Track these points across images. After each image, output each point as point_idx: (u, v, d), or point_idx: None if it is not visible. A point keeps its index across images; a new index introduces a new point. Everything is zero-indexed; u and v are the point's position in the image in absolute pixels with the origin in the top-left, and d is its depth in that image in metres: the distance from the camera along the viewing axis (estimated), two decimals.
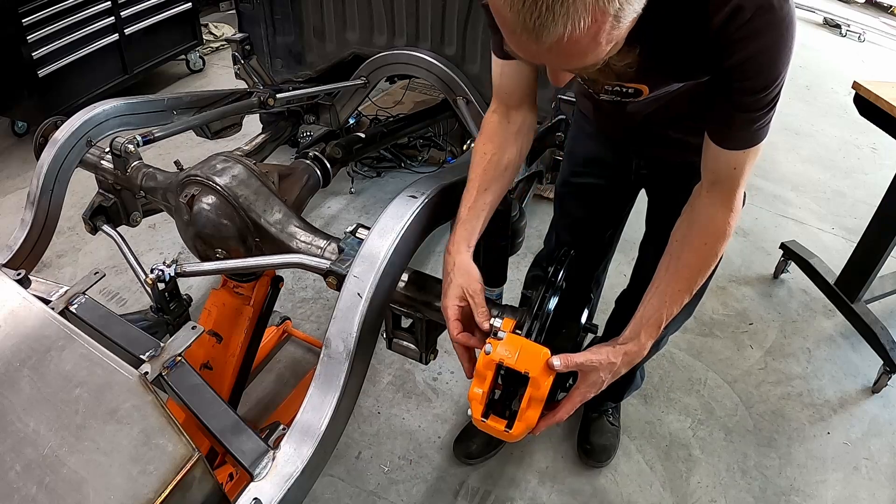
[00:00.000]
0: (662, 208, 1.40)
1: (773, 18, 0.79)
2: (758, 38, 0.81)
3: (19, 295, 0.90)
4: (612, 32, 0.68)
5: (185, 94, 1.63)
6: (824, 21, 5.96)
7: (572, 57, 0.71)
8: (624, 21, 0.68)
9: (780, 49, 0.82)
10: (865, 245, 2.16)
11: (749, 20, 0.79)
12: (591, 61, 0.73)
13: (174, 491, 0.68)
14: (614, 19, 0.66)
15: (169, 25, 3.46)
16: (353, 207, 2.82)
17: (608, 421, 1.85)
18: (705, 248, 0.98)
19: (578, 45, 0.68)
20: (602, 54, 0.71)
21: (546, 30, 0.65)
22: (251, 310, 1.39)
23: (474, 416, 0.89)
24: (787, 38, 0.81)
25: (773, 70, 0.84)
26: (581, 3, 0.63)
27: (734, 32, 0.80)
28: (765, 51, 0.82)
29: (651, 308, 0.99)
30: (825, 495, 1.79)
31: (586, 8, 0.63)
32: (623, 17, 0.67)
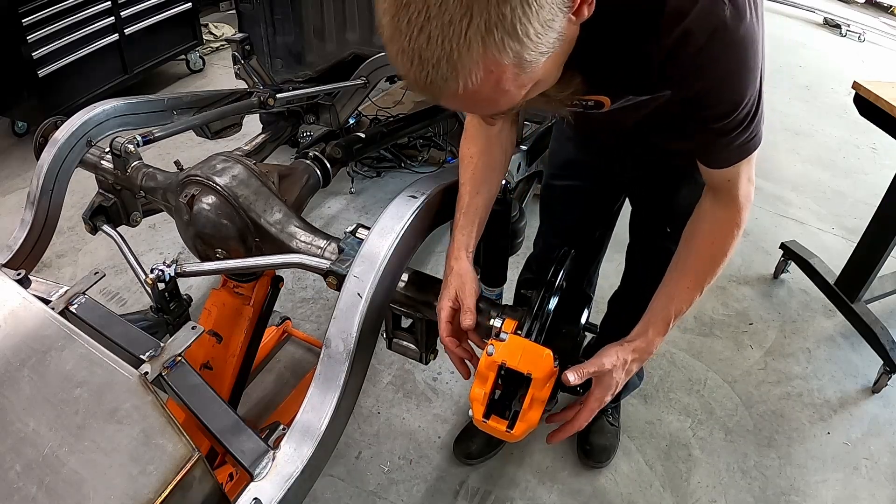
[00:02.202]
0: (646, 215, 1.39)
1: (729, 41, 0.73)
2: (714, 65, 0.75)
3: (19, 295, 0.90)
4: (519, 78, 0.64)
5: (185, 94, 1.63)
6: (824, 21, 5.96)
7: (481, 106, 0.69)
8: (532, 65, 0.63)
9: (741, 73, 0.77)
10: (865, 245, 2.16)
11: (702, 48, 0.73)
12: (508, 105, 0.69)
13: (174, 491, 0.68)
14: (515, 67, 0.62)
15: (169, 25, 3.46)
16: (353, 207, 2.81)
17: (608, 421, 1.85)
18: (713, 247, 0.98)
19: (480, 95, 0.64)
20: (519, 97, 0.68)
21: (439, 86, 0.62)
22: (251, 310, 1.39)
23: (476, 416, 0.89)
24: (749, 58, 0.76)
25: (737, 94, 0.79)
26: (468, 59, 0.59)
27: (688, 61, 0.75)
28: (725, 77, 0.77)
29: (659, 305, 0.99)
30: (825, 495, 1.79)
31: (475, 62, 0.60)
32: (527, 63, 0.63)
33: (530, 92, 0.70)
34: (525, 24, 0.59)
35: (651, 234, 1.37)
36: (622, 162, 1.31)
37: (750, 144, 0.88)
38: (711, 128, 0.84)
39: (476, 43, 0.58)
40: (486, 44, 0.59)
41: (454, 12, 0.57)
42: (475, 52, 0.59)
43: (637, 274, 1.49)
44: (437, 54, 0.59)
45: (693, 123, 0.87)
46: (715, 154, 0.90)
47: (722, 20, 0.71)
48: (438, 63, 0.60)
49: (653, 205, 1.35)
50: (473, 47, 0.59)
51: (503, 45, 0.59)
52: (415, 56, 0.61)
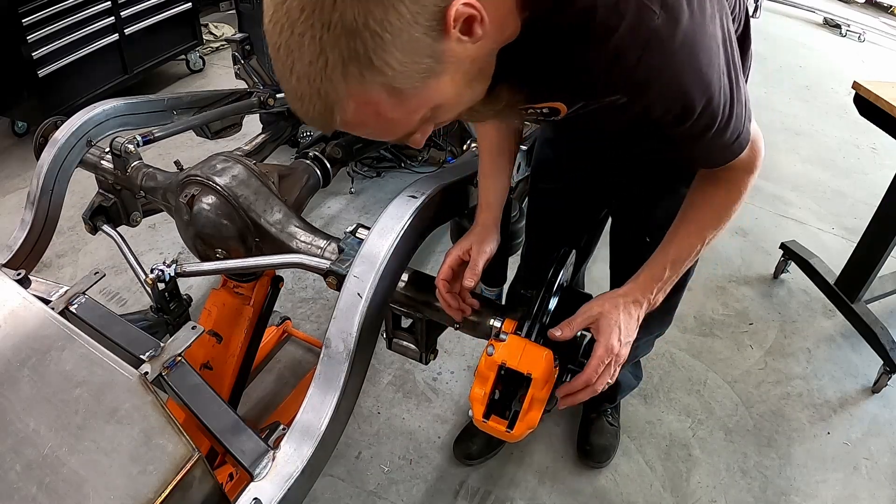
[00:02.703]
0: (625, 225, 1.38)
1: (666, 50, 0.68)
2: (656, 77, 0.71)
3: (19, 295, 0.90)
4: (402, 106, 0.64)
5: (185, 94, 1.63)
6: (824, 21, 5.97)
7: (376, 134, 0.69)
8: (412, 92, 0.63)
9: (686, 79, 0.71)
10: (865, 245, 2.16)
11: (638, 62, 0.69)
12: (405, 130, 0.69)
13: (174, 491, 0.68)
14: (391, 97, 0.62)
15: (169, 25, 3.45)
16: (353, 207, 2.81)
17: (607, 421, 1.85)
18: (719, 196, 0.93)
19: (366, 125, 0.65)
20: (413, 122, 0.67)
21: (323, 121, 0.63)
22: (251, 310, 1.39)
23: (476, 416, 0.89)
24: (693, 62, 0.70)
25: (687, 100, 0.73)
26: (336, 95, 0.60)
27: (627, 75, 0.71)
28: (670, 84, 0.72)
29: (658, 252, 0.96)
30: (825, 495, 1.79)
31: (345, 97, 0.61)
32: (402, 91, 0.62)
33: (436, 114, 0.69)
34: (381, 55, 0.58)
35: (630, 244, 1.36)
36: (606, 166, 1.30)
37: (734, 146, 0.84)
38: (677, 132, 0.80)
39: (338, 79, 0.59)
40: (348, 79, 0.59)
41: (311, 53, 0.58)
42: (340, 88, 0.60)
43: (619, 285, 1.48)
44: (309, 93, 0.61)
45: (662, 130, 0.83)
46: (697, 158, 0.88)
47: (653, 31, 0.66)
48: (312, 100, 0.62)
49: (632, 215, 1.33)
50: (337, 83, 0.60)
51: (363, 78, 0.60)
52: (294, 95, 0.63)
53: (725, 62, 0.75)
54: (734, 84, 0.77)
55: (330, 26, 0.56)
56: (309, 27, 0.57)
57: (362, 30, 0.56)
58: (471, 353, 2.12)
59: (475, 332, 1.07)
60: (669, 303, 1.41)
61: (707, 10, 0.70)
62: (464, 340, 2.13)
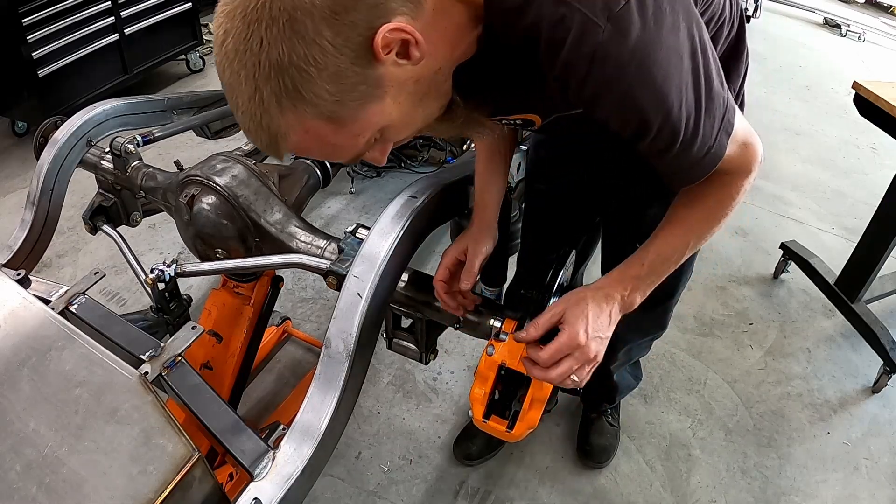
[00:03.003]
0: (616, 230, 1.37)
1: (614, 64, 0.65)
2: (605, 95, 0.68)
3: (19, 295, 0.90)
4: (345, 130, 0.65)
5: (185, 94, 1.63)
6: (824, 21, 5.97)
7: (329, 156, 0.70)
8: (353, 117, 0.64)
9: (638, 94, 0.68)
10: (865, 245, 2.16)
11: (586, 77, 0.67)
12: (354, 153, 0.70)
13: (174, 491, 0.68)
14: (331, 124, 0.64)
15: (169, 25, 3.45)
16: (353, 207, 2.81)
17: (607, 422, 1.85)
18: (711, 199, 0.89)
19: (315, 150, 0.68)
20: (360, 144, 0.68)
21: (273, 149, 0.66)
22: (251, 310, 1.39)
23: (476, 416, 0.90)
24: (646, 75, 0.66)
25: (641, 114, 0.70)
26: (277, 126, 0.63)
27: (577, 93, 0.69)
28: (622, 102, 0.69)
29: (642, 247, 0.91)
30: (825, 495, 1.79)
31: (286, 127, 0.63)
32: (342, 117, 0.63)
33: (385, 135, 0.70)
34: (308, 87, 0.60)
35: (621, 250, 1.35)
36: (599, 168, 1.29)
37: (704, 162, 0.79)
38: (639, 147, 0.77)
39: (275, 112, 0.62)
40: (284, 112, 0.62)
41: (248, 90, 0.61)
42: (279, 120, 0.63)
43: None
44: (255, 125, 0.64)
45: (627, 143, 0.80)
46: (668, 175, 0.84)
47: (599, 44, 0.64)
48: (258, 133, 0.65)
49: (624, 220, 1.32)
50: (275, 115, 0.62)
51: (298, 109, 0.62)
52: (243, 128, 0.66)
53: (693, 74, 0.70)
54: (703, 97, 0.72)
55: (259, 65, 0.59)
56: (243, 66, 0.60)
57: (288, 66, 0.59)
58: (471, 353, 2.12)
59: (475, 332, 1.07)
60: (664, 305, 1.42)
61: (665, 21, 0.66)
62: (464, 340, 2.13)
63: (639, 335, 1.54)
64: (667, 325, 1.51)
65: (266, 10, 0.57)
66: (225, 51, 0.61)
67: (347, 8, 0.58)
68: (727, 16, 0.94)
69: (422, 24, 0.63)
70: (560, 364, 0.83)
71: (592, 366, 0.86)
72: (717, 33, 0.94)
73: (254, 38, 0.58)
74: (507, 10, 0.67)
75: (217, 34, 0.61)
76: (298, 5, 0.57)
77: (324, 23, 0.58)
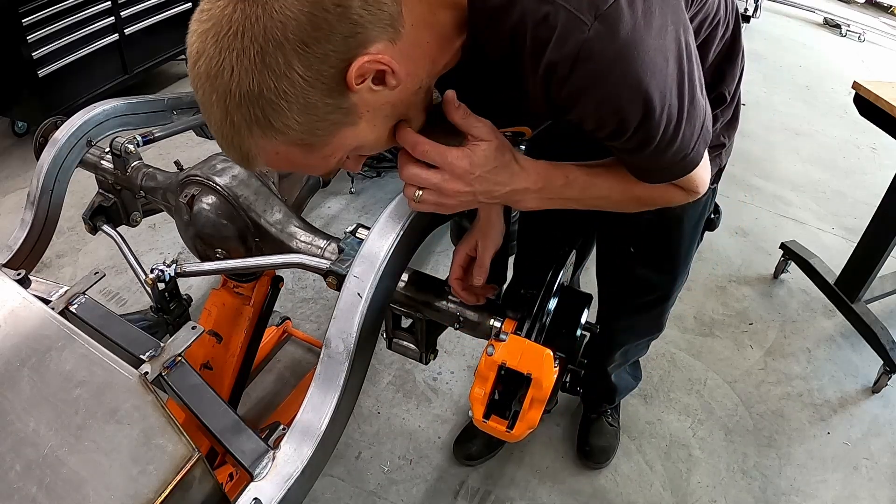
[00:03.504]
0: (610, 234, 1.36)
1: (595, 68, 0.63)
2: (585, 94, 0.66)
3: (19, 295, 0.90)
4: (316, 153, 0.65)
5: (185, 94, 1.63)
6: (824, 21, 5.97)
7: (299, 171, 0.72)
8: (324, 142, 0.64)
9: (619, 95, 0.66)
10: (865, 245, 2.16)
11: (567, 77, 0.65)
12: (327, 169, 0.70)
13: (174, 491, 0.68)
14: (302, 148, 0.64)
15: (169, 25, 3.45)
16: (353, 207, 2.82)
17: (607, 422, 1.85)
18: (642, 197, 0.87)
19: (285, 169, 0.69)
20: (333, 163, 0.69)
21: (248, 164, 0.67)
22: (251, 310, 1.38)
23: (476, 416, 0.89)
24: (631, 76, 0.64)
25: (625, 114, 0.67)
26: (249, 148, 0.64)
27: (558, 92, 0.68)
28: (602, 102, 0.67)
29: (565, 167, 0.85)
30: (825, 495, 1.79)
31: (258, 150, 0.64)
32: (313, 142, 0.63)
33: (359, 151, 0.70)
34: (279, 118, 0.60)
35: (614, 253, 1.36)
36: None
37: (676, 168, 0.78)
38: (613, 146, 0.76)
39: (246, 135, 0.62)
40: (254, 136, 0.62)
41: (219, 113, 0.61)
42: (250, 143, 0.63)
43: (606, 292, 1.48)
44: (226, 143, 0.65)
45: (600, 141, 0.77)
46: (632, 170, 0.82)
47: (584, 42, 0.62)
48: (232, 151, 0.66)
49: (617, 222, 1.31)
50: (245, 139, 0.63)
51: (267, 137, 0.62)
52: (218, 142, 0.66)
53: (678, 79, 0.68)
54: (685, 103, 0.71)
55: (230, 93, 0.59)
56: (214, 90, 0.60)
57: (258, 97, 0.58)
58: (471, 353, 2.12)
59: (475, 332, 1.07)
60: (660, 307, 1.42)
61: (654, 22, 0.64)
62: (464, 340, 2.13)
63: (635, 337, 1.55)
64: (664, 326, 1.51)
65: (238, 38, 0.56)
66: (198, 72, 0.60)
67: (319, 39, 0.57)
68: (722, 16, 0.93)
69: (401, 45, 0.61)
70: (425, 170, 0.75)
71: (443, 202, 0.78)
72: (712, 34, 0.93)
73: (225, 65, 0.57)
74: (492, 10, 0.65)
75: (191, 51, 0.60)
76: (270, 37, 0.56)
77: (295, 56, 0.57)
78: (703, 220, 1.26)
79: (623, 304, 1.45)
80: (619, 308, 1.47)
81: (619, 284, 1.42)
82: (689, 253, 1.30)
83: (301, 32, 0.56)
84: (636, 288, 1.37)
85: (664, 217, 1.14)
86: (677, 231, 1.24)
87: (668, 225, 1.23)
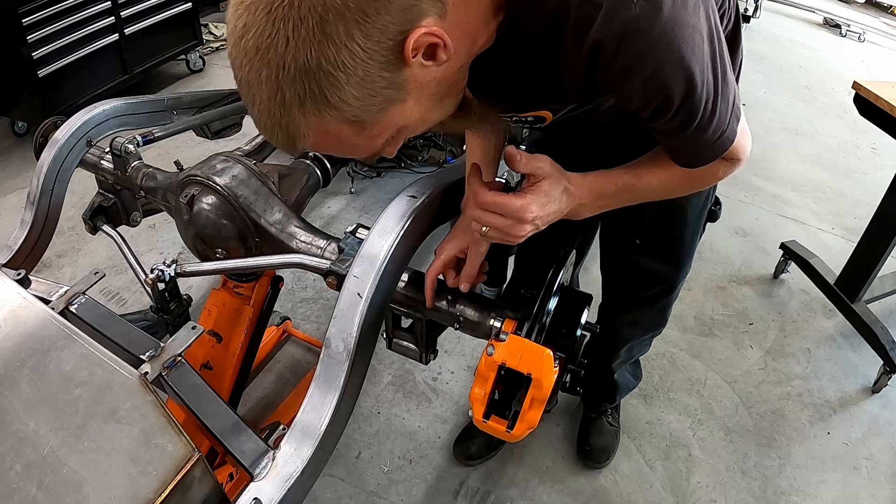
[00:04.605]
0: (615, 227, 1.36)
1: (644, 41, 0.65)
2: (633, 72, 0.68)
3: (19, 295, 0.90)
4: (364, 132, 0.64)
5: (185, 94, 1.63)
6: (824, 21, 5.97)
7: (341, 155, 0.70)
8: (373, 120, 0.63)
9: (665, 71, 0.68)
10: (865, 245, 2.16)
11: (615, 55, 0.66)
12: (369, 151, 0.69)
13: (174, 491, 0.68)
14: (351, 126, 0.63)
15: (169, 25, 3.45)
16: (353, 207, 2.82)
17: (607, 422, 1.85)
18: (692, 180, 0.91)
19: (330, 149, 0.67)
20: (377, 144, 0.68)
21: (289, 147, 0.65)
22: (251, 310, 1.38)
23: (476, 416, 0.89)
24: (674, 52, 0.67)
25: (669, 90, 0.70)
26: (295, 127, 0.62)
27: (605, 71, 0.69)
28: (649, 79, 0.69)
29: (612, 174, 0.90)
30: (825, 495, 1.79)
31: (305, 129, 0.62)
32: (362, 121, 0.62)
33: (401, 133, 0.70)
34: (336, 92, 0.59)
35: (620, 246, 1.36)
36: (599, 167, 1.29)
37: (716, 146, 0.81)
38: (656, 126, 0.78)
39: (296, 114, 0.60)
40: (306, 114, 0.60)
41: (269, 90, 0.59)
42: (299, 121, 0.61)
43: (611, 286, 1.48)
44: (271, 125, 0.62)
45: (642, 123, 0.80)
46: (675, 155, 0.85)
47: (631, 19, 0.64)
48: (275, 131, 0.63)
49: (622, 215, 1.33)
50: (295, 117, 0.61)
51: (320, 113, 0.60)
52: (259, 125, 0.64)
53: (711, 57, 0.72)
54: (719, 81, 0.74)
55: (284, 67, 0.57)
56: (265, 65, 0.57)
57: (316, 70, 0.57)
58: (471, 353, 2.12)
59: (475, 332, 1.07)
60: (665, 300, 1.42)
61: (689, 1, 0.67)
62: (464, 340, 2.13)
63: (640, 332, 1.55)
64: (667, 321, 1.51)
65: (294, 8, 0.54)
66: (244, 47, 0.57)
67: (378, 9, 0.56)
68: (726, 8, 0.95)
69: (447, 23, 0.62)
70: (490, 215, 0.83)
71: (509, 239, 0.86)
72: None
73: (279, 38, 0.55)
74: None
75: (234, 26, 0.58)
76: (330, 6, 0.54)
77: (355, 25, 0.55)
78: (706, 210, 1.27)
79: (628, 298, 1.45)
80: (625, 302, 1.47)
81: (625, 277, 1.42)
82: (693, 243, 1.31)
83: (361, 2, 0.55)
84: (642, 280, 1.38)
85: (669, 208, 1.14)
86: (682, 221, 1.25)
87: (673, 215, 1.23)
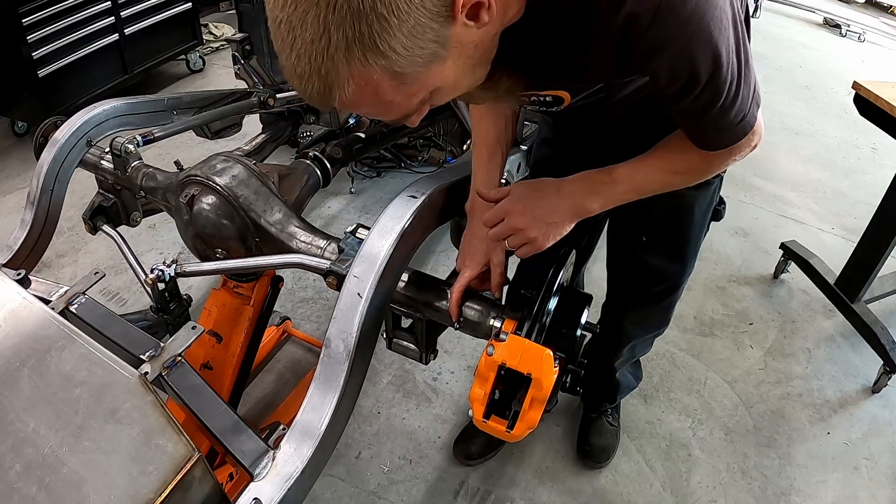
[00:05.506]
0: (622, 224, 1.36)
1: (675, 20, 0.68)
2: (664, 47, 0.71)
3: (19, 295, 0.90)
4: (402, 88, 0.64)
5: (185, 94, 1.63)
6: (824, 21, 5.97)
7: (373, 113, 0.69)
8: (413, 76, 0.63)
9: (694, 48, 0.71)
10: (865, 245, 2.16)
11: (648, 29, 0.69)
12: (403, 112, 0.69)
13: (174, 491, 0.68)
14: (392, 80, 0.62)
15: (169, 25, 3.45)
16: (353, 207, 2.82)
17: (607, 422, 1.85)
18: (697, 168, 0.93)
19: (364, 104, 0.66)
20: (412, 105, 0.68)
21: (321, 99, 0.63)
22: (251, 310, 1.38)
23: (476, 416, 0.90)
24: (703, 30, 0.70)
25: (697, 67, 0.73)
26: (336, 75, 0.60)
27: (636, 45, 0.71)
28: (679, 55, 0.71)
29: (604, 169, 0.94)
30: (825, 495, 1.79)
31: (345, 77, 0.61)
32: (404, 74, 0.62)
33: (433, 97, 0.70)
34: (386, 38, 0.58)
35: (627, 243, 1.36)
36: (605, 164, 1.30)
37: (737, 129, 0.83)
38: (681, 106, 0.80)
39: (340, 60, 0.59)
40: (350, 60, 0.59)
41: (314, 31, 0.57)
42: (341, 68, 0.60)
43: (617, 284, 1.49)
44: (309, 70, 0.61)
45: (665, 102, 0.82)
46: (696, 137, 0.86)
47: None
48: (311, 78, 0.61)
49: (629, 213, 1.33)
50: (338, 64, 0.59)
51: (367, 61, 0.59)
52: (293, 72, 0.62)
53: (735, 41, 0.74)
54: (743, 64, 0.76)
55: (336, 6, 0.56)
56: (314, 5, 0.56)
57: (369, 12, 0.56)
58: (471, 353, 2.12)
59: (475, 332, 1.07)
60: (669, 299, 1.42)
61: None
62: (464, 340, 2.13)
63: (643, 331, 1.54)
64: (670, 320, 1.51)
65: None
66: None
67: None
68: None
69: None
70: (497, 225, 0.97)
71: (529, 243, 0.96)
72: None
73: None
74: None
75: None
76: None
77: None
78: (712, 208, 1.27)
79: (633, 297, 1.45)
80: (630, 300, 1.47)
81: (631, 275, 1.42)
82: (698, 240, 1.31)
83: None
84: (648, 278, 1.38)
85: (676, 205, 1.15)
86: (689, 218, 1.25)
87: (680, 212, 1.23)
